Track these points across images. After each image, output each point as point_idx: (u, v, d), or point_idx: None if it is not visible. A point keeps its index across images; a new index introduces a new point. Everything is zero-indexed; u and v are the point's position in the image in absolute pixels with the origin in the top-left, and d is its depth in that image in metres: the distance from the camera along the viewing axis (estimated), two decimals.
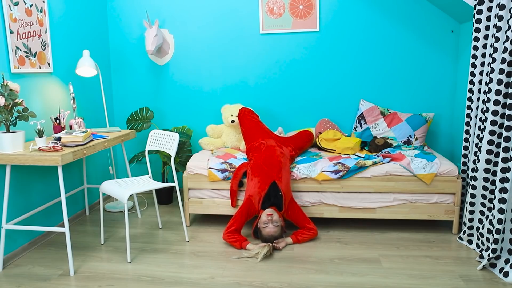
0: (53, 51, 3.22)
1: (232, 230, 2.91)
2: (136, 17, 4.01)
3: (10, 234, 2.77)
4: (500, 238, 2.46)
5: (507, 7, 2.46)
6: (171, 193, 3.95)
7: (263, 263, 2.65)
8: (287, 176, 3.05)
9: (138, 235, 3.17)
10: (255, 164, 3.07)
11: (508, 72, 2.44)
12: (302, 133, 3.50)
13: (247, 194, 3.00)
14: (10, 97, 2.42)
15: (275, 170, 3.00)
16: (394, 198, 3.06)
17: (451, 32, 3.62)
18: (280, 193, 2.94)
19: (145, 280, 2.48)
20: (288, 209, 2.98)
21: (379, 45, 3.74)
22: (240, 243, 2.85)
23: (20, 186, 2.85)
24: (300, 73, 3.88)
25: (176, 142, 2.97)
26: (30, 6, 2.90)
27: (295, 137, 3.44)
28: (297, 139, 3.41)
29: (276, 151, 3.14)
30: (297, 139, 3.42)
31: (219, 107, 4.04)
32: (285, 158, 3.12)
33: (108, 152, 4.10)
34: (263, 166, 3.02)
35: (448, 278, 2.42)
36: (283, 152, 3.17)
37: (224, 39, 3.93)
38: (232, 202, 3.16)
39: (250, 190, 2.99)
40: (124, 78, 4.14)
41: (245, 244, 2.85)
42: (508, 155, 2.44)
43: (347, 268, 2.58)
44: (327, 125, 3.69)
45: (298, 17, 3.76)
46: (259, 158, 3.11)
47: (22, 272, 2.60)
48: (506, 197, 2.39)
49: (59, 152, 2.45)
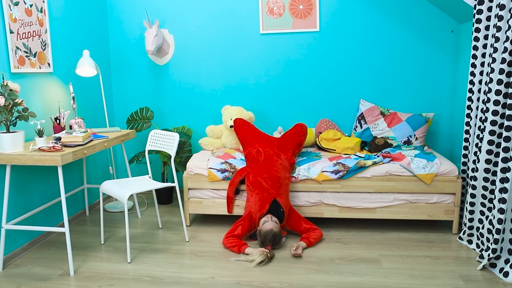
0: (53, 51, 3.22)
1: (232, 235, 2.88)
2: (136, 17, 4.01)
3: (10, 234, 2.77)
4: (500, 238, 2.46)
5: (507, 7, 2.46)
6: (171, 193, 3.95)
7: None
8: (287, 189, 3.04)
9: (138, 235, 3.17)
10: (255, 181, 3.01)
11: (508, 72, 2.44)
12: (295, 128, 3.34)
13: (248, 209, 2.98)
14: (10, 97, 2.42)
15: (275, 187, 2.96)
16: (394, 198, 3.06)
17: (451, 32, 3.62)
18: (282, 209, 2.92)
19: (145, 280, 2.48)
20: (288, 219, 2.97)
21: (379, 45, 3.74)
22: (238, 248, 2.80)
23: (20, 186, 2.85)
24: (300, 73, 3.88)
25: (176, 142, 2.97)
26: (30, 6, 2.90)
27: (290, 134, 3.30)
28: (293, 137, 3.28)
29: (275, 164, 3.06)
30: (292, 136, 3.29)
31: (219, 107, 4.04)
32: (284, 170, 3.06)
33: (108, 152, 4.10)
34: (263, 183, 2.98)
35: (448, 278, 2.42)
36: (282, 162, 3.09)
37: (224, 39, 3.93)
38: (228, 208, 3.15)
39: (251, 207, 2.96)
40: (124, 78, 4.14)
41: (244, 248, 2.79)
42: (508, 155, 2.44)
43: (347, 268, 2.58)
44: (327, 125, 3.69)
45: (298, 17, 3.76)
46: (257, 173, 3.03)
47: (22, 272, 2.60)
48: (506, 197, 2.39)
49: (59, 152, 2.45)
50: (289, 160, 3.14)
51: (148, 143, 3.19)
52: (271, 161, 3.08)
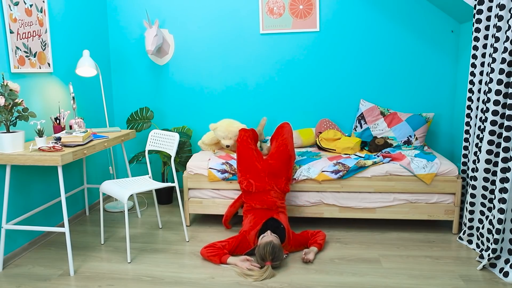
0: (53, 51, 3.22)
1: (212, 244, 2.69)
2: (136, 17, 4.01)
3: (10, 234, 2.77)
4: (500, 238, 2.46)
5: (507, 7, 2.46)
6: (171, 193, 3.95)
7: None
8: (285, 212, 2.89)
9: (138, 235, 3.17)
10: (249, 207, 2.89)
11: (508, 72, 2.44)
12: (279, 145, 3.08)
13: (242, 230, 2.80)
14: (10, 97, 2.42)
15: (273, 209, 2.83)
16: (394, 198, 3.06)
17: (451, 32, 3.62)
18: (282, 225, 2.72)
19: (145, 280, 2.48)
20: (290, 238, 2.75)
21: (379, 45, 3.74)
22: (219, 257, 2.60)
23: (20, 186, 2.84)
24: (300, 73, 3.88)
25: (176, 142, 2.97)
26: (30, 6, 2.90)
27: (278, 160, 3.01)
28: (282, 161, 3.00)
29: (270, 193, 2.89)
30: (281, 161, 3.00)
31: (219, 107, 4.04)
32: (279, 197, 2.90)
33: (108, 152, 4.10)
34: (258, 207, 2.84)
35: (448, 278, 2.42)
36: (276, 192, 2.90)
37: (224, 39, 3.93)
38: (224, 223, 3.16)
39: (245, 227, 2.79)
40: (124, 78, 4.14)
41: (226, 258, 2.59)
42: (508, 155, 2.44)
43: (347, 268, 2.58)
44: (327, 125, 3.69)
45: (298, 17, 3.76)
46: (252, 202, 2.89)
47: (22, 272, 2.60)
48: (506, 197, 2.39)
49: (59, 152, 2.45)
50: (283, 190, 2.94)
51: (148, 143, 3.19)
52: (264, 191, 2.90)
